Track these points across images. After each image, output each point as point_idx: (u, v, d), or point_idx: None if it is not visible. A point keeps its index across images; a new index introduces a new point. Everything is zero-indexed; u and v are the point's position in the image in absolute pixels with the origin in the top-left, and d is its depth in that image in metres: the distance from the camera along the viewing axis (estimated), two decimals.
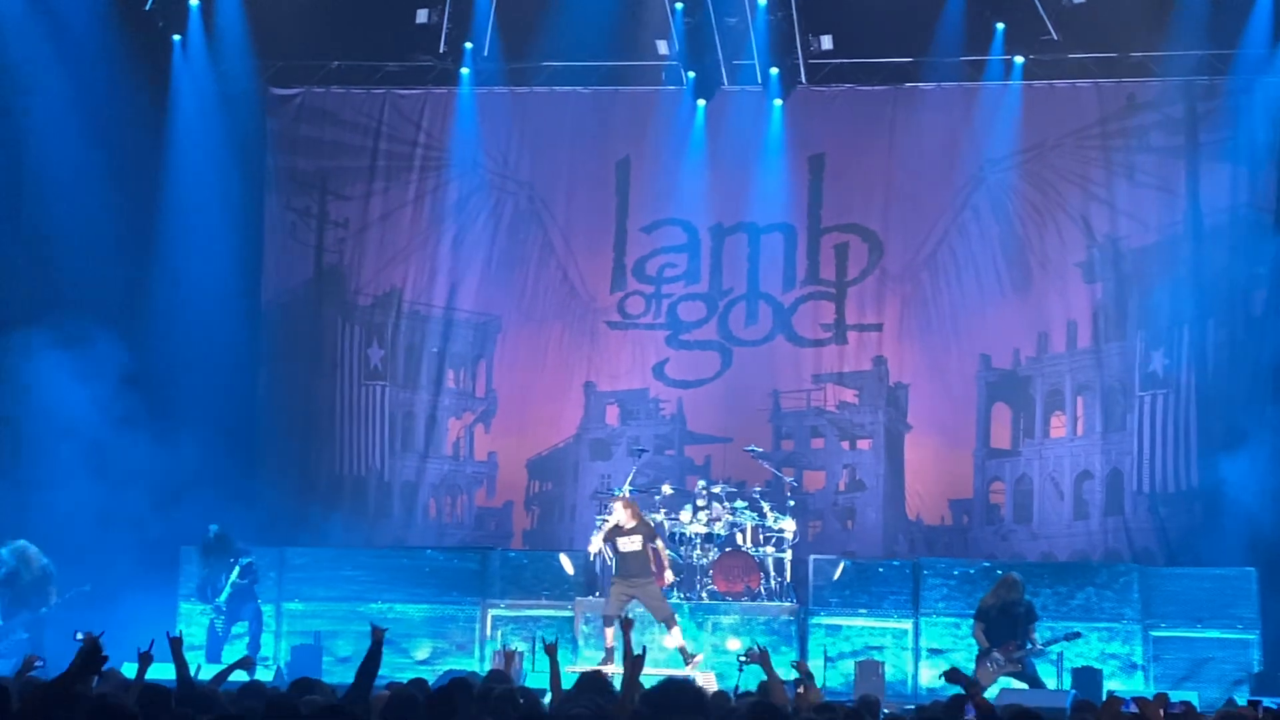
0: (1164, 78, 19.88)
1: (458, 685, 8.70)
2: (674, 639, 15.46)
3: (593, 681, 8.90)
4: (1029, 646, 15.57)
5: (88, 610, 16.63)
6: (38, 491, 17.34)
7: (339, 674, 14.98)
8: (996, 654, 15.53)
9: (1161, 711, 8.59)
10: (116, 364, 17.91)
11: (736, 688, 12.07)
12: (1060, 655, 16.44)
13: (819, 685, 15.24)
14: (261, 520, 17.03)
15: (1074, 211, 20.38)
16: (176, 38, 20.06)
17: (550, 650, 10.17)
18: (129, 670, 12.24)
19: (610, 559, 16.15)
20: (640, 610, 15.57)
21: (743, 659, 12.48)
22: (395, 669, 15.94)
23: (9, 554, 16.43)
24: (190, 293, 19.32)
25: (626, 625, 10.14)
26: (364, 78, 21.06)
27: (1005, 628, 15.66)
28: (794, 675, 10.33)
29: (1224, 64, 19.42)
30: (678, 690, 7.85)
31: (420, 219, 21.23)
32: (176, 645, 10.08)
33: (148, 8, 19.69)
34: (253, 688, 9.28)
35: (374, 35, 20.35)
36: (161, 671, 9.84)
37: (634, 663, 8.97)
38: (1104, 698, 13.51)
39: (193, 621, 16.85)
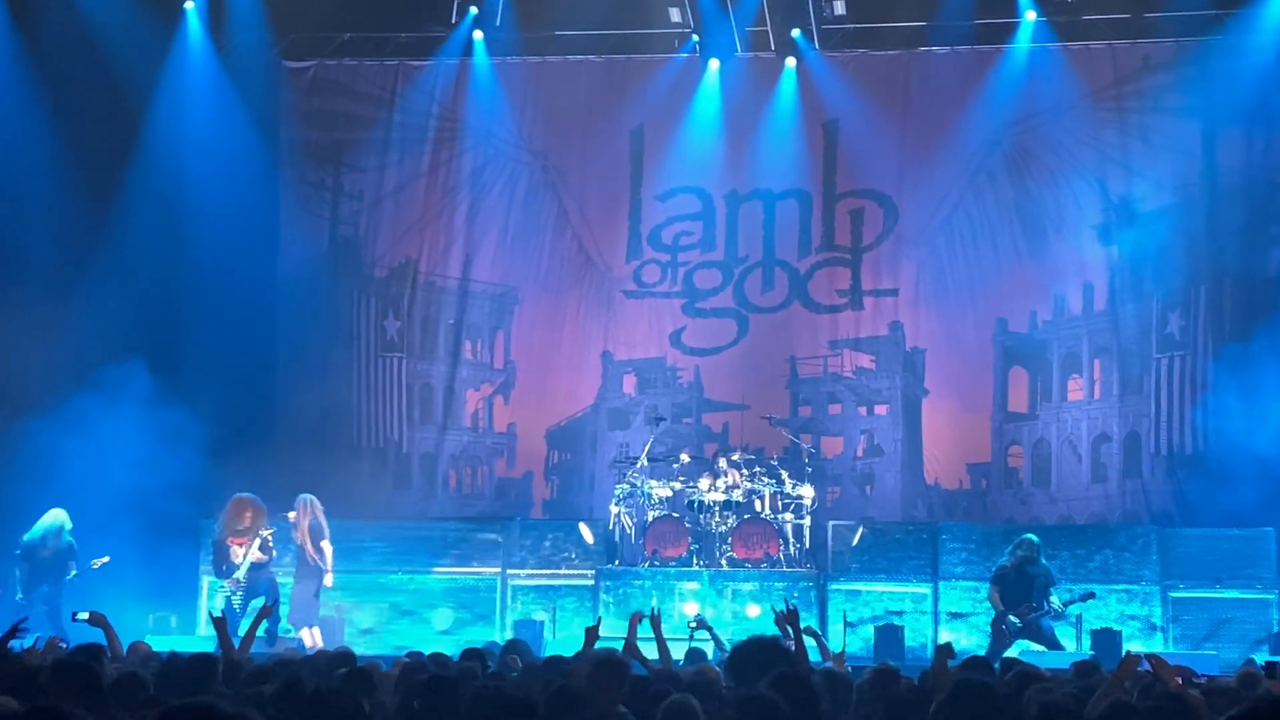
0: (1179, 38, 19.78)
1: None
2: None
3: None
4: (1045, 609, 15.60)
5: (109, 584, 16.78)
6: (54, 465, 17.41)
7: (361, 646, 15.03)
8: (1012, 617, 15.57)
9: (1179, 680, 8.56)
10: (132, 338, 18.00)
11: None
12: (1079, 617, 16.47)
13: (837, 649, 15.39)
14: (280, 493, 17.06)
15: (1089, 174, 20.32)
16: (190, 7, 20.06)
17: (654, 621, 10.18)
18: (156, 643, 12.39)
19: None
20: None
21: (692, 624, 12.66)
22: (417, 640, 16.06)
23: (39, 527, 16.54)
24: (205, 267, 19.36)
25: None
26: (376, 49, 21.04)
27: (1022, 591, 15.70)
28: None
29: (1238, 23, 19.31)
30: (762, 648, 7.80)
31: (435, 190, 21.24)
32: (221, 625, 10.20)
33: None
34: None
35: (386, 6, 20.36)
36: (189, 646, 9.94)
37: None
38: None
39: (211, 596, 16.94)
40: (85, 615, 11.25)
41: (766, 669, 7.38)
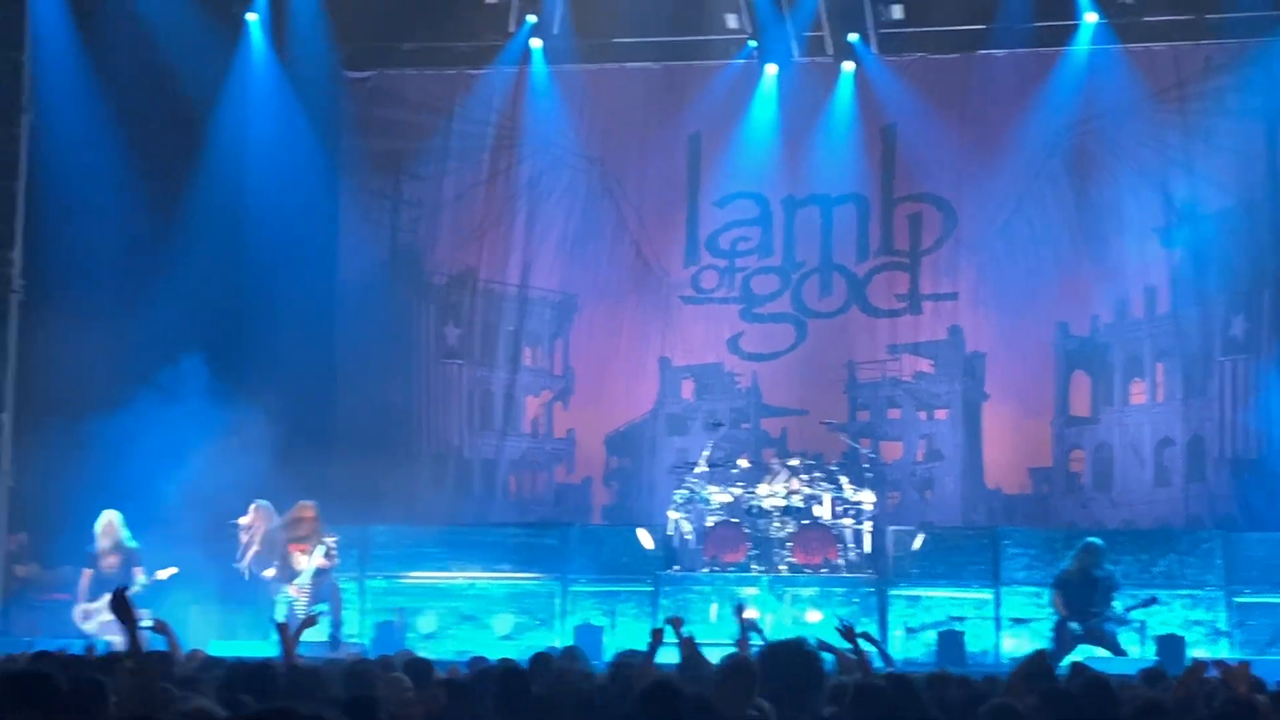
0: (1241, 39, 19.63)
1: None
2: None
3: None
4: (1108, 614, 15.49)
5: (171, 589, 16.92)
6: (119, 467, 17.57)
7: (422, 651, 15.08)
8: (1073, 623, 15.47)
9: (1244, 687, 8.50)
10: (195, 343, 18.16)
11: None
12: (1143, 623, 16.35)
13: (899, 657, 15.34)
14: (342, 499, 17.16)
15: (1151, 176, 20.19)
16: (252, 19, 20.23)
17: (674, 625, 10.18)
18: (215, 648, 12.50)
19: None
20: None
21: (739, 618, 12.66)
22: (478, 644, 16.13)
23: (97, 530, 16.66)
24: (267, 274, 19.51)
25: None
26: (435, 58, 21.16)
27: (1085, 596, 15.60)
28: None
29: None
30: (789, 655, 7.76)
31: (494, 198, 21.33)
32: (284, 630, 10.30)
33: None
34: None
35: (444, 16, 20.46)
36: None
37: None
38: (1188, 664, 13.45)
39: (274, 602, 17.03)
40: (149, 622, 11.36)
41: (794, 674, 7.36)
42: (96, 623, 15.95)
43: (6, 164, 18.09)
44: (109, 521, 16.56)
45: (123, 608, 7.42)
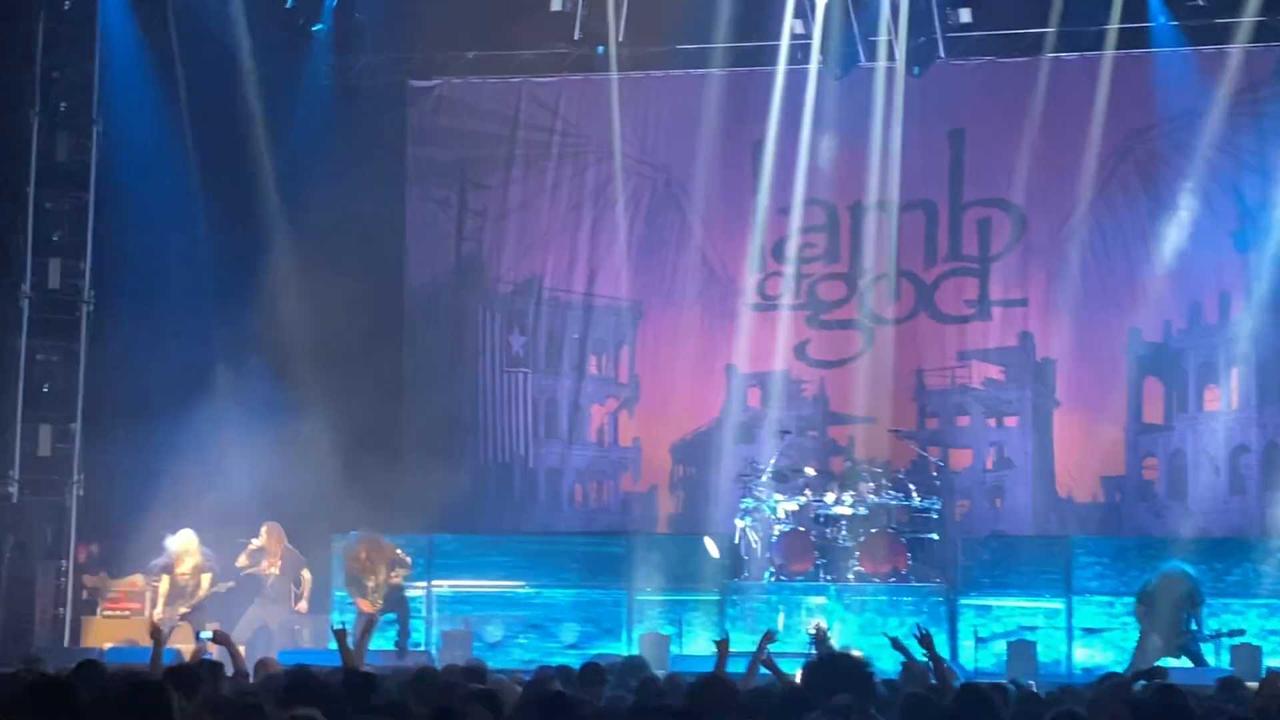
0: None
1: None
2: None
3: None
4: (1192, 628, 15.30)
5: (243, 602, 17.04)
6: (182, 482, 17.67)
7: (489, 660, 15.05)
8: (1155, 636, 15.28)
9: None
10: (261, 352, 18.26)
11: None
12: (1218, 641, 16.13)
13: (969, 667, 15.19)
14: (407, 508, 17.20)
15: (1224, 180, 19.95)
16: (317, 28, 20.32)
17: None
18: (283, 657, 12.54)
19: None
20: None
21: (812, 632, 12.58)
22: (544, 653, 16.12)
23: (176, 549, 16.83)
24: (333, 284, 19.55)
25: None
26: (500, 67, 21.19)
27: (1168, 610, 15.40)
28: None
29: None
30: (836, 666, 7.72)
31: (559, 206, 21.33)
32: (341, 637, 10.34)
33: (289, 4, 19.96)
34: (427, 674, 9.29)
35: (509, 24, 20.47)
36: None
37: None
38: (1264, 674, 13.26)
39: (345, 610, 17.11)
40: (209, 633, 11.41)
41: (841, 687, 7.33)
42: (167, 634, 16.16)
43: (77, 175, 18.28)
44: (187, 542, 16.75)
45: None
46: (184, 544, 16.81)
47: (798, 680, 7.91)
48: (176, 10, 18.65)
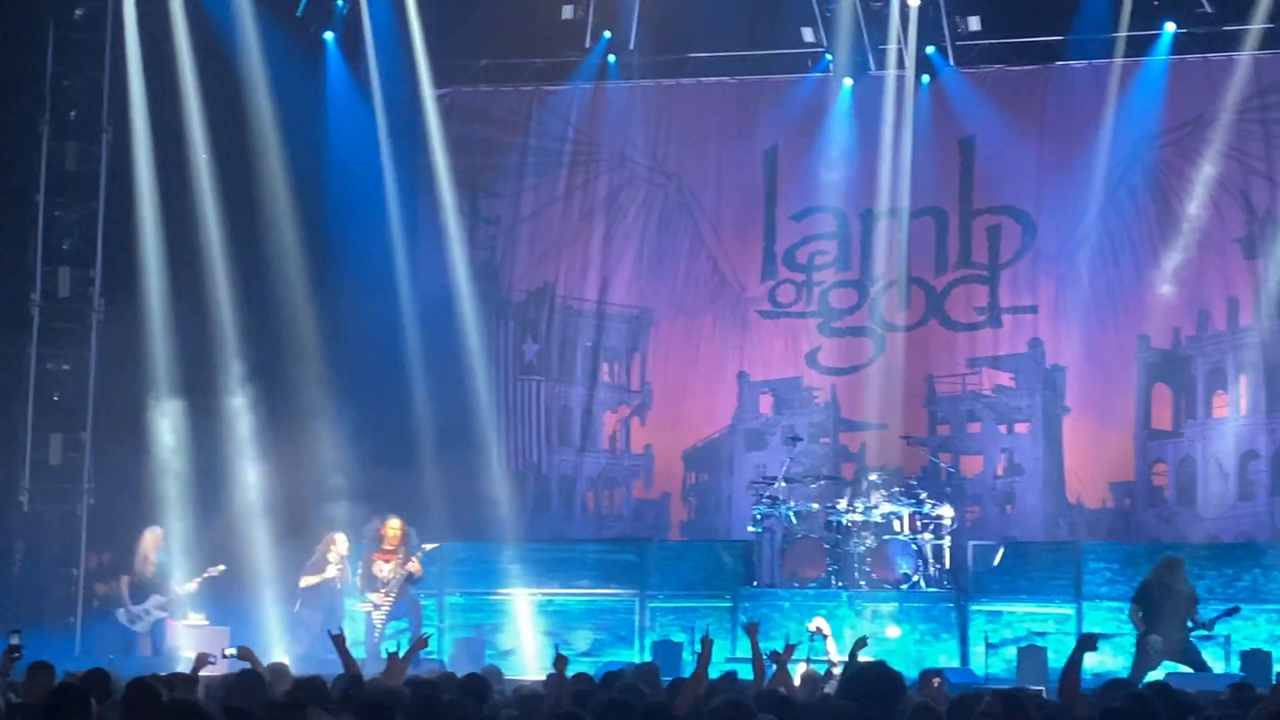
0: None
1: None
2: None
3: None
4: (1190, 628, 15.30)
5: (253, 604, 17.08)
6: (204, 491, 17.73)
7: (502, 667, 15.09)
8: (1155, 637, 15.28)
9: None
10: (274, 360, 18.30)
11: None
12: (1228, 638, 16.13)
13: (980, 673, 15.22)
14: (421, 515, 17.24)
15: (1233, 187, 20.00)
16: (329, 36, 20.37)
17: (750, 631, 10.16)
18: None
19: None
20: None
21: (812, 629, 12.70)
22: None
23: (147, 544, 16.94)
24: (347, 294, 19.63)
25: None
26: (512, 75, 21.25)
27: (1166, 610, 15.40)
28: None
29: None
30: (876, 677, 7.76)
31: (571, 214, 21.39)
32: (339, 641, 10.34)
33: (299, 14, 20.01)
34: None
35: (521, 32, 20.53)
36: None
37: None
38: (1274, 680, 13.28)
39: (355, 617, 17.14)
40: (233, 650, 11.47)
41: (879, 697, 7.37)
42: (146, 622, 16.55)
43: (87, 183, 18.26)
44: (157, 538, 16.89)
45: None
46: (148, 543, 16.93)
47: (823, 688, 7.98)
48: (186, 19, 18.65)
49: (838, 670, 11.74)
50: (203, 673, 10.73)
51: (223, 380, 18.31)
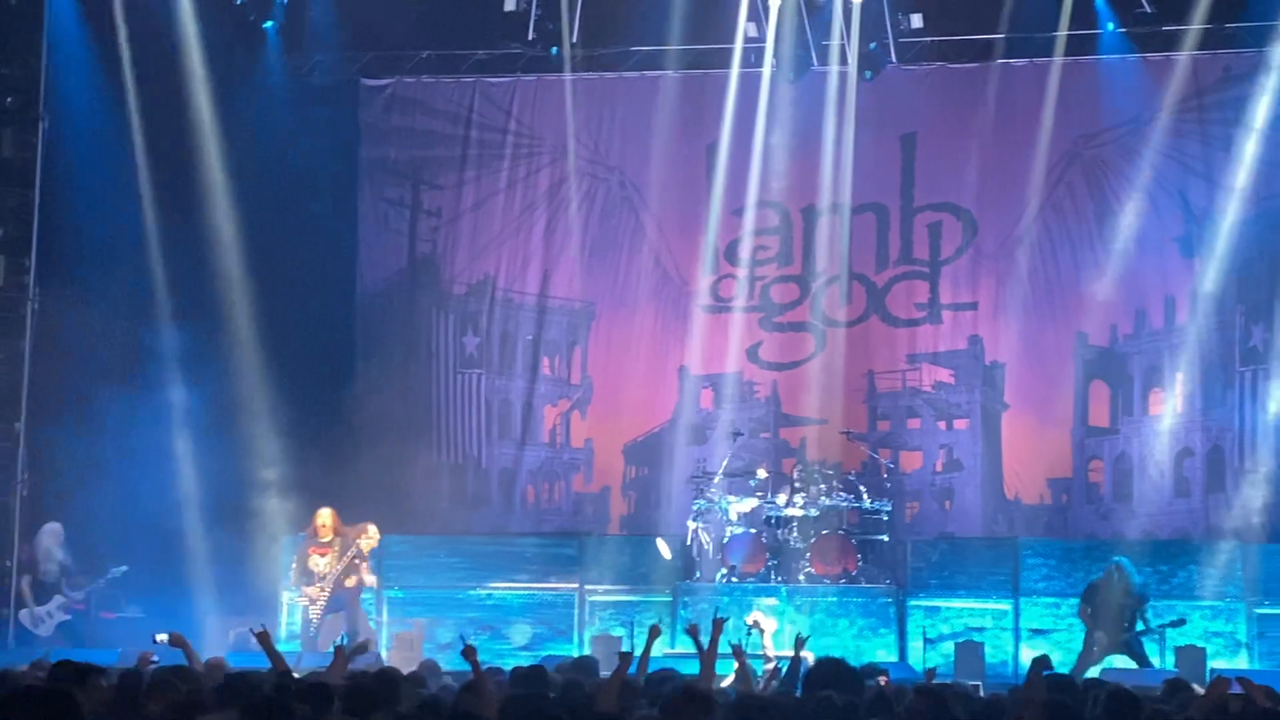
0: (1260, 48, 19.58)
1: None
2: None
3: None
4: (1139, 627, 15.43)
5: (186, 599, 16.96)
6: (138, 481, 17.58)
7: (441, 661, 15.04)
8: (1100, 634, 15.41)
9: (1265, 701, 8.50)
10: (210, 354, 18.18)
11: None
12: (1163, 633, 16.28)
13: (918, 667, 15.29)
14: (360, 509, 17.15)
15: (1170, 186, 20.14)
16: (268, 25, 20.23)
17: (653, 632, 10.02)
18: (234, 659, 12.48)
19: None
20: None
21: (750, 624, 12.72)
22: (494, 655, 16.06)
23: (47, 542, 16.81)
24: (285, 284, 19.50)
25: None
26: (453, 67, 21.15)
27: (1113, 608, 15.53)
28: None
29: None
30: (834, 670, 7.77)
31: (512, 207, 21.32)
32: (264, 638, 10.20)
33: (239, 1, 19.85)
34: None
35: (462, 24, 20.45)
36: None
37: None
38: (1208, 677, 13.42)
39: (294, 611, 17.05)
40: (164, 636, 11.30)
41: (841, 691, 7.39)
42: (49, 625, 16.50)
43: (23, 171, 18.10)
44: (56, 534, 16.75)
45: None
46: (48, 539, 16.81)
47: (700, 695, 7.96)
48: (124, 6, 18.49)
49: (772, 665, 11.78)
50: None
51: (159, 371, 18.18)
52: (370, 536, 16.27)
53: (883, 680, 10.49)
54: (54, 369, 17.84)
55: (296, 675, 9.49)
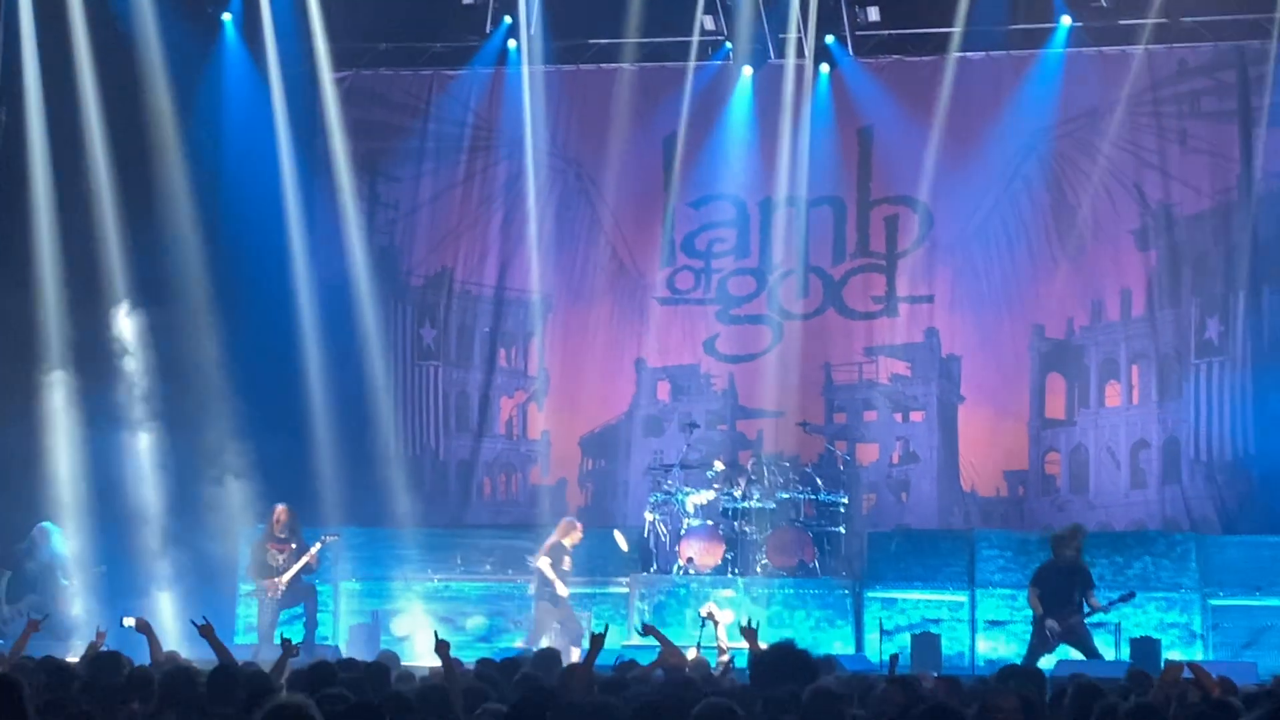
0: (1215, 42, 19.70)
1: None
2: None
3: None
4: (1086, 611, 15.46)
5: (143, 593, 16.90)
6: (94, 479, 17.52)
7: (399, 652, 15.02)
8: (1052, 621, 15.44)
9: (1218, 689, 8.56)
10: (165, 347, 18.11)
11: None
12: (1118, 625, 16.36)
13: (874, 659, 15.32)
14: (317, 502, 17.14)
15: (1126, 179, 20.23)
16: (227, 18, 20.16)
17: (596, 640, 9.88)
18: (192, 653, 12.44)
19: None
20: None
21: (704, 615, 12.79)
22: (452, 647, 16.02)
23: (37, 539, 16.73)
24: (243, 276, 19.45)
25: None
26: (411, 59, 21.12)
27: (1062, 593, 15.56)
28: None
29: (1275, 27, 19.21)
30: (787, 657, 7.78)
31: (470, 199, 21.30)
32: (207, 632, 10.16)
33: None
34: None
35: (421, 16, 20.42)
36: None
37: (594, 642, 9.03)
38: (1163, 667, 13.48)
39: (251, 604, 17.02)
40: (131, 620, 11.31)
41: (790, 678, 7.39)
42: (16, 626, 16.15)
43: None
44: (48, 533, 16.68)
45: None
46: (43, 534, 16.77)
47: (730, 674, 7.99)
48: None
49: (726, 657, 11.82)
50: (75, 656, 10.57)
51: (112, 362, 18.10)
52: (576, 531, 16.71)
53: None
54: (6, 358, 17.74)
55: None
